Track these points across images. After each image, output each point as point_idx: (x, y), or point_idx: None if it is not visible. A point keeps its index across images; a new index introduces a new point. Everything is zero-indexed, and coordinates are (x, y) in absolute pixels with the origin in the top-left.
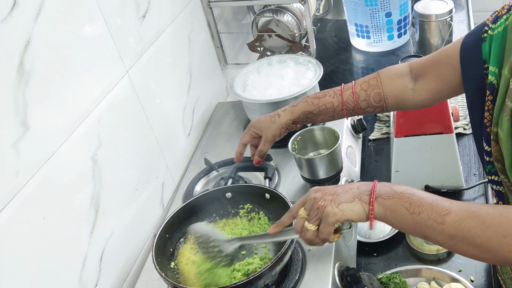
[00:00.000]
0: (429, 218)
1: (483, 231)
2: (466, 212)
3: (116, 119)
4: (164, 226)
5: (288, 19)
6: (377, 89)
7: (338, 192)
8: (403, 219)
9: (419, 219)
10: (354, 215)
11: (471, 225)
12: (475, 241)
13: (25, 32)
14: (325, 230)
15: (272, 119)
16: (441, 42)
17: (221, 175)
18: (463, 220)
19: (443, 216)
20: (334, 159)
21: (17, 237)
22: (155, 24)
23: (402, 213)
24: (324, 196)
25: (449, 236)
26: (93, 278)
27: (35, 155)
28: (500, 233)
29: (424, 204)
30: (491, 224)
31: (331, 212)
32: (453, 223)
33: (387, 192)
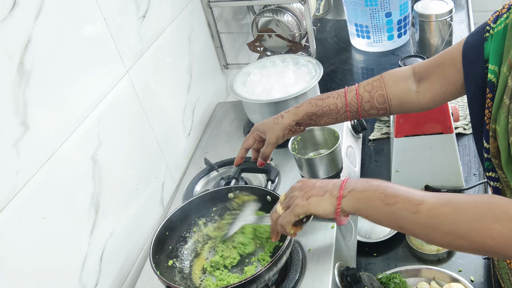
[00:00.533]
0: (403, 208)
1: (456, 216)
2: (439, 200)
3: (116, 119)
4: (164, 224)
5: (288, 19)
6: (380, 90)
7: (315, 186)
8: (377, 210)
9: (394, 210)
10: (320, 210)
11: (445, 211)
12: (450, 228)
13: (25, 32)
14: (287, 217)
15: (276, 120)
16: (441, 42)
17: (221, 175)
18: (437, 207)
19: (417, 206)
20: (334, 159)
21: (17, 237)
22: (155, 24)
23: (377, 205)
24: (302, 187)
25: (423, 225)
26: (93, 278)
27: (35, 155)
28: (473, 217)
29: (399, 195)
30: (464, 208)
31: (299, 204)
32: (427, 211)
33: (362, 185)
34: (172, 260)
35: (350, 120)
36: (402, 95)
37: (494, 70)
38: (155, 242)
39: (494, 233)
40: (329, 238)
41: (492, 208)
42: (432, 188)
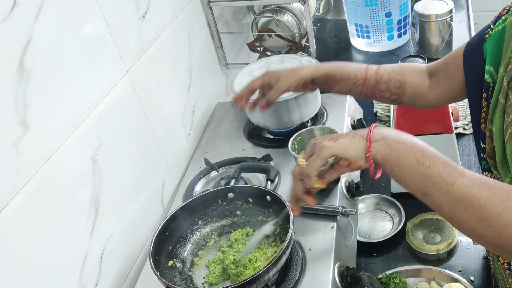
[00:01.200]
0: (439, 175)
1: (493, 203)
2: (479, 181)
3: (116, 119)
4: (164, 224)
5: (288, 19)
6: (399, 76)
7: (342, 135)
8: (409, 167)
9: (427, 172)
10: (350, 152)
11: (482, 193)
12: (481, 212)
13: (25, 32)
14: (313, 163)
15: (293, 71)
16: (441, 42)
17: (221, 175)
18: (475, 187)
19: (454, 177)
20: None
21: (17, 237)
22: (155, 24)
23: (410, 161)
24: (325, 137)
25: (454, 199)
26: (93, 278)
27: (35, 155)
28: (507, 202)
29: (438, 159)
30: (503, 198)
31: (326, 145)
32: (464, 187)
33: (397, 136)
34: (172, 261)
35: (361, 96)
36: (416, 86)
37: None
38: (155, 242)
39: None
40: (329, 238)
41: None
42: None
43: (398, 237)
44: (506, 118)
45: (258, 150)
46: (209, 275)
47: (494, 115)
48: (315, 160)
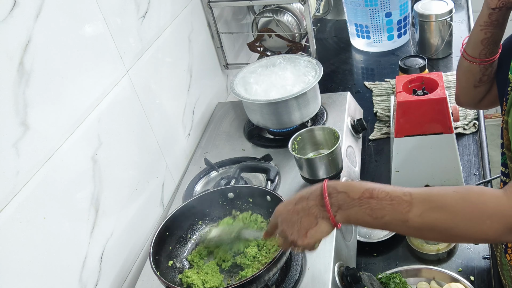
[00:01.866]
0: (393, 219)
1: (447, 220)
2: (426, 203)
3: (116, 119)
4: (164, 224)
5: (288, 19)
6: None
7: (300, 217)
8: (369, 224)
9: (384, 222)
10: (324, 234)
11: (434, 216)
12: (443, 229)
13: (25, 32)
14: (311, 252)
15: None
16: (441, 42)
17: (221, 175)
18: (426, 213)
19: (405, 214)
20: (334, 159)
21: (17, 237)
22: (155, 24)
23: (367, 220)
24: (290, 229)
25: (416, 229)
26: (93, 278)
27: (35, 155)
28: (465, 218)
29: (385, 206)
30: (453, 211)
31: (304, 244)
32: (417, 217)
33: (345, 201)
34: (172, 261)
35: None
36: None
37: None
38: (155, 242)
39: (485, 229)
40: (329, 238)
41: (481, 207)
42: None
43: (398, 237)
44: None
45: (258, 150)
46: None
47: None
48: (310, 252)
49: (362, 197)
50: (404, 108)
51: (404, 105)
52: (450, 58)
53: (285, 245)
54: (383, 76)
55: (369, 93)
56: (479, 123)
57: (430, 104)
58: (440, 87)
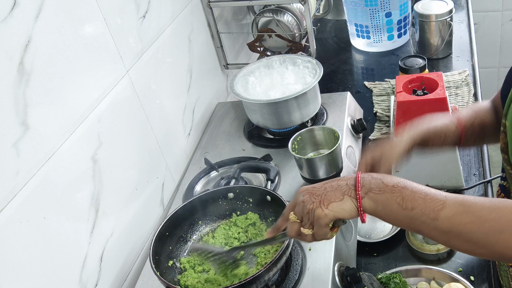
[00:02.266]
0: (423, 214)
1: (479, 226)
2: (460, 207)
3: (116, 119)
4: (164, 224)
5: (288, 19)
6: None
7: (326, 191)
8: (395, 214)
9: (412, 215)
10: (346, 213)
11: (466, 220)
12: (470, 237)
13: (25, 32)
14: (320, 232)
15: (391, 146)
16: (441, 42)
17: (221, 175)
18: (458, 216)
19: (436, 212)
20: (334, 159)
21: (17, 237)
22: (155, 24)
23: (395, 209)
24: (312, 198)
25: (443, 231)
26: (93, 278)
27: (35, 155)
28: (496, 228)
29: (417, 198)
30: (486, 219)
31: (321, 214)
32: (447, 218)
33: (378, 186)
34: (172, 261)
35: (452, 146)
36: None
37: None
38: (155, 242)
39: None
40: None
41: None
42: (432, 188)
43: (398, 237)
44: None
45: (258, 150)
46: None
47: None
48: (320, 230)
49: (397, 185)
50: (404, 108)
51: (404, 105)
52: (450, 58)
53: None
54: (383, 76)
55: (369, 93)
56: None
57: (430, 104)
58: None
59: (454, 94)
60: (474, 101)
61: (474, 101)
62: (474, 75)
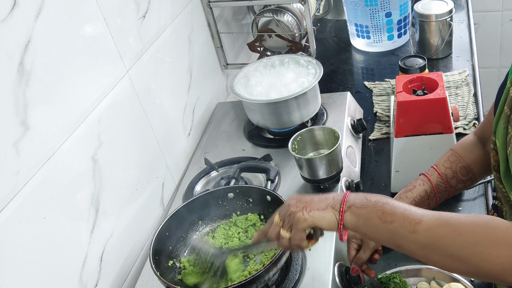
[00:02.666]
0: (401, 227)
1: (454, 239)
2: (437, 221)
3: (116, 119)
4: (164, 224)
5: (288, 19)
6: (460, 163)
7: (313, 200)
8: (376, 228)
9: (391, 228)
10: (324, 223)
11: (442, 233)
12: (446, 250)
13: (25, 32)
14: (296, 236)
15: None
16: (441, 42)
17: (221, 175)
18: (435, 228)
19: (414, 225)
20: (334, 159)
21: (17, 237)
22: (155, 24)
23: (375, 223)
24: (297, 203)
25: (421, 245)
26: (93, 278)
27: (35, 155)
28: (471, 241)
29: (397, 212)
30: (461, 232)
31: (301, 218)
32: (424, 231)
33: (361, 201)
34: (172, 261)
35: (437, 203)
36: (480, 160)
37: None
38: (155, 242)
39: (491, 258)
40: (329, 238)
41: (490, 232)
42: None
43: None
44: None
45: (258, 150)
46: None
47: (498, 126)
48: (296, 234)
49: (378, 201)
50: (404, 108)
51: (404, 105)
52: (450, 58)
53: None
54: (383, 76)
55: (369, 93)
56: (479, 123)
57: (430, 104)
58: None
59: (454, 94)
60: (474, 101)
61: (474, 101)
62: (474, 75)
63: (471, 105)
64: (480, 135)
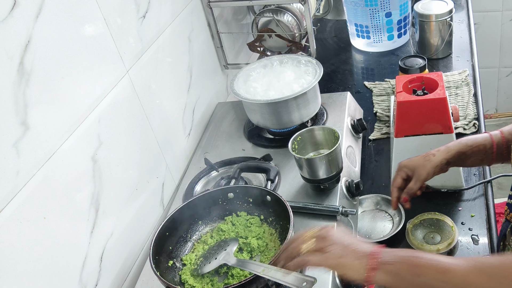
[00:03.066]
0: (432, 278)
1: (486, 283)
2: (469, 267)
3: (116, 119)
4: (164, 224)
5: (288, 19)
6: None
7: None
8: (407, 283)
9: (423, 280)
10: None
11: (474, 280)
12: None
13: (25, 32)
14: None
15: (427, 158)
16: (441, 42)
17: (221, 175)
18: (467, 275)
19: (444, 273)
20: (334, 159)
21: (17, 237)
22: (155, 24)
23: (406, 277)
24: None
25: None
26: (93, 278)
27: (35, 155)
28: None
29: (427, 264)
30: (494, 276)
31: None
32: (456, 278)
33: (391, 258)
34: (172, 261)
35: (493, 162)
36: None
37: None
38: (155, 243)
39: None
40: None
41: None
42: (432, 188)
43: (398, 237)
44: None
45: (258, 150)
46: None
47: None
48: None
49: (410, 256)
50: (404, 108)
51: (404, 105)
52: (450, 58)
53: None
54: (383, 76)
55: (369, 93)
56: (479, 123)
57: (430, 104)
58: (440, 87)
59: (454, 94)
60: (474, 101)
61: (474, 101)
62: (474, 75)
63: (471, 105)
64: None
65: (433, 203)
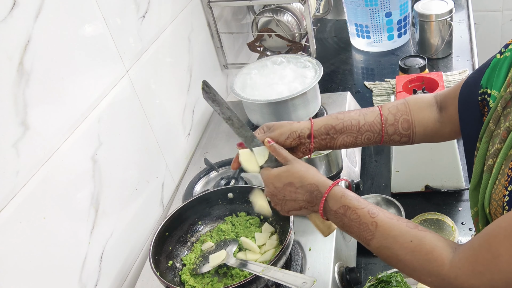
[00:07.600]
0: (358, 239)
1: (396, 263)
2: (384, 241)
3: (116, 119)
4: (164, 224)
5: (288, 19)
6: (405, 115)
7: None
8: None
9: (353, 236)
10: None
11: (387, 254)
12: (393, 266)
13: (25, 32)
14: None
15: (289, 122)
16: (441, 42)
17: (221, 175)
18: (382, 249)
19: (368, 241)
20: (334, 159)
21: (17, 237)
22: (155, 24)
23: (340, 228)
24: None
25: (376, 253)
26: (93, 278)
27: (35, 155)
28: (410, 267)
29: (353, 227)
30: (401, 259)
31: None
32: (375, 248)
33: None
34: (172, 261)
35: (370, 143)
36: (426, 123)
37: (495, 95)
38: (155, 243)
39: (426, 283)
40: (329, 238)
41: (427, 265)
42: (432, 188)
43: None
44: (491, 147)
45: None
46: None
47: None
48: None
49: (338, 212)
50: None
51: None
52: (450, 58)
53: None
54: (383, 76)
55: (369, 93)
56: None
57: None
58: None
59: None
60: None
61: None
62: None
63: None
64: (440, 100)
65: (433, 203)
